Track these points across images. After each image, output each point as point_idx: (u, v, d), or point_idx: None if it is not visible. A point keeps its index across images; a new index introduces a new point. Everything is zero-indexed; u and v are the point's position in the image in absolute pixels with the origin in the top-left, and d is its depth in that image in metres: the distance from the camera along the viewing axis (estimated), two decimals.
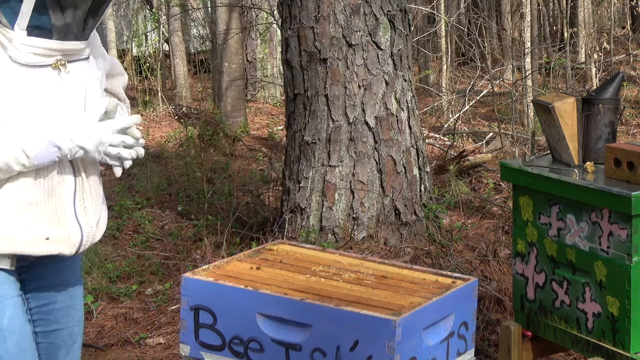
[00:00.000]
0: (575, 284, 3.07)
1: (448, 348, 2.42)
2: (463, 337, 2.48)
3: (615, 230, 2.89)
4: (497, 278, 4.78)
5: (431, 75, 12.85)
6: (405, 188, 5.40)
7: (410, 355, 2.27)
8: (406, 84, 5.47)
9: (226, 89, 10.61)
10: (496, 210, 6.20)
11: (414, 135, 5.50)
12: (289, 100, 5.58)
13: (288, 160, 5.57)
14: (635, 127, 9.60)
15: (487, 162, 7.53)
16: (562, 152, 3.22)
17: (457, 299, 2.43)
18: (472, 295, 2.50)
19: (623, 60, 13.85)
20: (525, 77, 9.88)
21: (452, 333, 2.43)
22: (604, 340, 3.00)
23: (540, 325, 3.24)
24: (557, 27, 15.34)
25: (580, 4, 13.37)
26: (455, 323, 2.43)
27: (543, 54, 13.15)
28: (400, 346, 2.22)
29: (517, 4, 12.72)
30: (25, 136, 2.28)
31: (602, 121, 3.18)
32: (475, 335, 2.53)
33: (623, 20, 17.09)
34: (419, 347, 2.30)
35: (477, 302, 2.53)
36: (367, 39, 5.31)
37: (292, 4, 5.40)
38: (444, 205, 5.97)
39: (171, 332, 4.59)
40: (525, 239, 3.24)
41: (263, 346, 2.38)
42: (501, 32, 13.47)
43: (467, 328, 2.49)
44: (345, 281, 2.55)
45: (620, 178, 2.94)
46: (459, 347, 2.47)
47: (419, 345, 2.30)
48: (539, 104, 3.27)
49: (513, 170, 3.24)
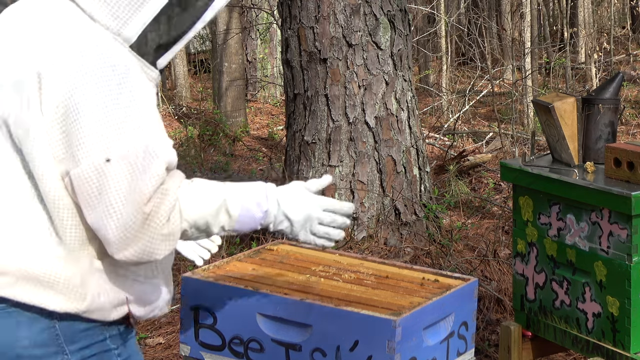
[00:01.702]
0: (575, 284, 3.07)
1: (448, 348, 2.42)
2: (463, 337, 2.48)
3: (615, 230, 2.89)
4: (497, 278, 4.78)
5: (431, 75, 12.85)
6: (405, 188, 5.40)
7: (410, 355, 2.27)
8: (406, 84, 5.47)
9: (226, 89, 10.61)
10: (496, 210, 6.20)
11: (414, 135, 5.50)
12: (289, 100, 5.59)
13: (288, 160, 5.57)
14: (635, 127, 9.60)
15: (487, 162, 7.53)
16: (562, 152, 3.22)
17: (457, 299, 2.43)
18: (472, 296, 2.50)
19: (623, 60, 13.85)
20: (525, 77, 9.88)
21: (452, 333, 2.43)
22: (604, 340, 3.00)
23: (540, 325, 3.24)
24: (557, 27, 15.34)
25: (580, 4, 13.37)
26: (455, 323, 2.43)
27: (543, 54, 13.15)
28: (400, 346, 2.22)
29: (517, 4, 12.72)
30: (228, 187, 1.98)
31: (602, 121, 3.17)
32: (475, 335, 2.53)
33: (623, 20, 17.09)
34: (419, 347, 2.30)
35: (477, 302, 2.53)
36: (367, 39, 5.31)
37: (292, 4, 5.40)
38: (444, 205, 5.97)
39: (171, 332, 4.59)
40: (525, 239, 3.24)
41: (263, 346, 2.38)
42: (501, 32, 13.47)
43: (467, 328, 2.49)
44: (345, 281, 2.55)
45: (620, 178, 2.94)
46: (459, 347, 2.47)
47: (419, 345, 2.30)
48: (539, 104, 3.27)
49: (513, 170, 3.24)
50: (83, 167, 1.82)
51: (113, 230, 1.82)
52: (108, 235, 1.83)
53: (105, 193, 1.81)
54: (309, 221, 2.03)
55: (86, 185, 1.82)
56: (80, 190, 1.83)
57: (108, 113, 1.83)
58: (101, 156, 1.81)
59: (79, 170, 1.82)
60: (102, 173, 1.81)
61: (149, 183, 1.83)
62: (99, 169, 1.81)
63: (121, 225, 1.82)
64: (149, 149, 1.85)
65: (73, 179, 1.83)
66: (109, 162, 1.82)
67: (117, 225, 1.82)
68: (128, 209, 1.81)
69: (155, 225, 1.84)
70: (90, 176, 1.81)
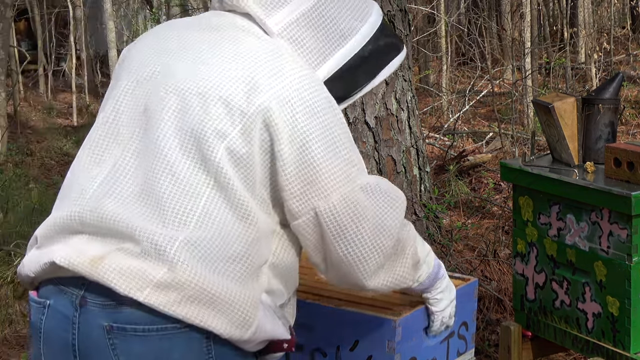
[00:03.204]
0: (575, 284, 3.07)
1: (448, 348, 2.42)
2: (463, 337, 2.48)
3: (615, 230, 2.89)
4: (497, 278, 4.78)
5: (431, 75, 12.84)
6: (405, 188, 5.40)
7: (410, 355, 2.27)
8: (406, 84, 5.47)
9: None
10: (496, 210, 6.20)
11: (414, 135, 5.50)
12: None
13: None
14: (635, 127, 9.59)
15: (487, 162, 7.53)
16: (562, 152, 3.22)
17: (457, 299, 2.43)
18: (472, 296, 2.50)
19: (623, 60, 13.84)
20: (525, 77, 9.88)
21: (452, 333, 2.43)
22: (604, 340, 3.00)
23: (540, 325, 3.24)
24: (557, 27, 15.33)
25: (580, 4, 13.37)
26: (455, 323, 2.43)
27: (543, 54, 13.15)
28: (400, 346, 2.22)
29: (517, 4, 12.72)
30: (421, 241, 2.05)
31: (602, 121, 3.17)
32: (475, 335, 2.53)
33: (623, 20, 17.08)
34: (419, 347, 2.31)
35: (477, 302, 2.53)
36: None
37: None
38: (444, 205, 5.97)
39: None
40: (525, 239, 3.24)
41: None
42: (501, 32, 13.46)
43: (467, 328, 2.49)
44: None
45: (620, 178, 2.94)
46: (459, 347, 2.47)
47: (419, 345, 2.30)
48: (539, 104, 3.27)
49: (513, 170, 3.24)
50: (334, 201, 1.85)
51: (373, 260, 1.88)
52: (368, 265, 1.88)
53: (362, 222, 1.86)
54: (451, 310, 2.25)
55: (340, 217, 1.85)
56: (334, 223, 1.85)
57: (340, 147, 1.87)
58: (349, 188, 1.85)
59: (330, 204, 1.85)
60: (356, 203, 1.86)
61: (397, 211, 1.92)
62: (350, 200, 1.85)
63: (382, 252, 1.88)
64: (377, 181, 1.93)
65: (323, 213, 1.85)
66: (355, 192, 1.86)
67: (379, 252, 1.88)
68: (385, 236, 1.89)
69: (408, 252, 1.95)
70: (343, 208, 1.85)
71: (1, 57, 9.56)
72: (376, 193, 1.89)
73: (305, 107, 1.83)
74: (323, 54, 1.94)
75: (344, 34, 1.95)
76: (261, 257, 1.86)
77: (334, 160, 1.84)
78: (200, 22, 1.99)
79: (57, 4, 15.36)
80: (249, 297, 1.81)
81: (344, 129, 1.88)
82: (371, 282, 1.90)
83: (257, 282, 1.85)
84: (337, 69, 1.96)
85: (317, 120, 1.83)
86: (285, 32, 1.92)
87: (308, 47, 1.92)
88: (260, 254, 1.85)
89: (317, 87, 1.86)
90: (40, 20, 15.25)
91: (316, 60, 1.93)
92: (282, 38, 1.91)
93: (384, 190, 1.91)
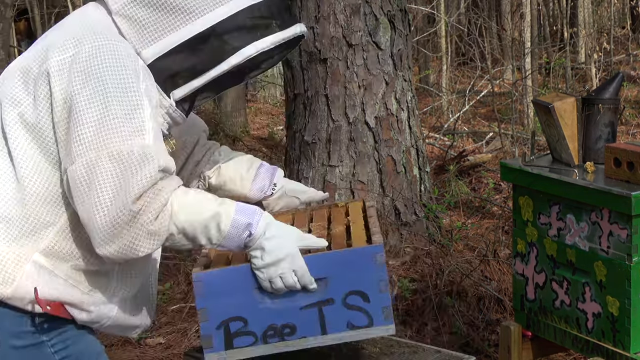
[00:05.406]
0: (575, 284, 3.07)
1: (322, 317, 2.19)
2: (359, 309, 2.20)
3: (615, 230, 2.89)
4: (497, 278, 4.78)
5: (431, 75, 12.84)
6: (405, 188, 5.40)
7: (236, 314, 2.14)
8: (406, 84, 5.47)
9: None
10: (496, 210, 6.20)
11: (414, 135, 5.50)
12: (289, 100, 5.59)
13: (288, 160, 5.57)
14: (635, 127, 9.59)
15: (487, 162, 7.53)
16: (562, 152, 3.22)
17: (343, 265, 2.17)
18: (371, 262, 2.18)
19: (623, 60, 13.84)
20: (525, 77, 9.88)
21: (329, 300, 2.18)
22: (604, 340, 3.00)
23: (540, 325, 3.24)
24: (557, 27, 15.33)
25: (580, 4, 13.37)
26: (337, 290, 2.17)
27: (543, 54, 13.15)
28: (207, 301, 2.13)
29: (517, 4, 12.72)
30: (224, 203, 2.03)
31: (602, 121, 3.17)
32: (391, 308, 2.20)
33: (623, 20, 17.08)
34: (248, 307, 2.15)
35: (385, 271, 2.20)
36: (367, 39, 5.31)
37: (292, 4, 5.40)
38: (444, 205, 5.97)
39: (171, 332, 4.59)
40: (525, 239, 3.24)
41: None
42: (501, 32, 13.46)
43: (368, 299, 2.19)
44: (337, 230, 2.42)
45: (620, 178, 2.94)
46: (351, 319, 2.20)
47: (246, 304, 2.14)
48: (539, 104, 3.27)
49: (513, 170, 3.24)
50: (77, 165, 1.90)
51: (100, 224, 1.88)
52: (95, 228, 1.89)
53: (94, 189, 1.88)
54: (276, 269, 2.06)
55: (78, 181, 1.90)
56: (73, 186, 1.91)
57: (109, 113, 1.91)
58: (94, 155, 1.89)
59: (74, 168, 1.90)
60: (93, 170, 1.88)
61: (140, 182, 1.89)
62: (90, 166, 1.89)
63: (108, 221, 1.88)
64: (145, 151, 1.91)
65: (69, 176, 1.91)
66: (101, 160, 1.89)
67: (105, 220, 1.88)
68: (116, 205, 1.87)
69: (142, 221, 1.90)
70: (82, 173, 1.89)
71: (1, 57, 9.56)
72: (123, 163, 1.90)
73: (82, 73, 1.93)
74: (160, 30, 2.01)
75: (190, 12, 2.00)
76: (38, 219, 1.98)
77: (90, 126, 1.90)
78: None
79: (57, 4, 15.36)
80: (11, 255, 1.97)
81: (124, 99, 1.92)
82: (102, 250, 1.92)
83: (31, 242, 1.97)
84: (177, 45, 2.02)
85: (90, 86, 1.92)
86: (122, 10, 2.03)
87: (144, 24, 2.02)
88: (37, 216, 1.97)
89: (107, 58, 1.95)
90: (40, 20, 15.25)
91: (152, 36, 2.02)
92: (119, 16, 2.03)
93: (134, 161, 1.91)
